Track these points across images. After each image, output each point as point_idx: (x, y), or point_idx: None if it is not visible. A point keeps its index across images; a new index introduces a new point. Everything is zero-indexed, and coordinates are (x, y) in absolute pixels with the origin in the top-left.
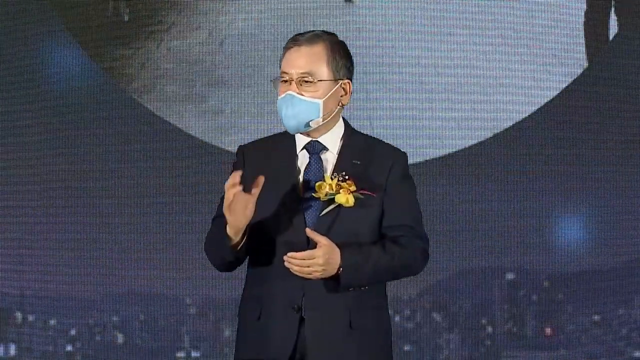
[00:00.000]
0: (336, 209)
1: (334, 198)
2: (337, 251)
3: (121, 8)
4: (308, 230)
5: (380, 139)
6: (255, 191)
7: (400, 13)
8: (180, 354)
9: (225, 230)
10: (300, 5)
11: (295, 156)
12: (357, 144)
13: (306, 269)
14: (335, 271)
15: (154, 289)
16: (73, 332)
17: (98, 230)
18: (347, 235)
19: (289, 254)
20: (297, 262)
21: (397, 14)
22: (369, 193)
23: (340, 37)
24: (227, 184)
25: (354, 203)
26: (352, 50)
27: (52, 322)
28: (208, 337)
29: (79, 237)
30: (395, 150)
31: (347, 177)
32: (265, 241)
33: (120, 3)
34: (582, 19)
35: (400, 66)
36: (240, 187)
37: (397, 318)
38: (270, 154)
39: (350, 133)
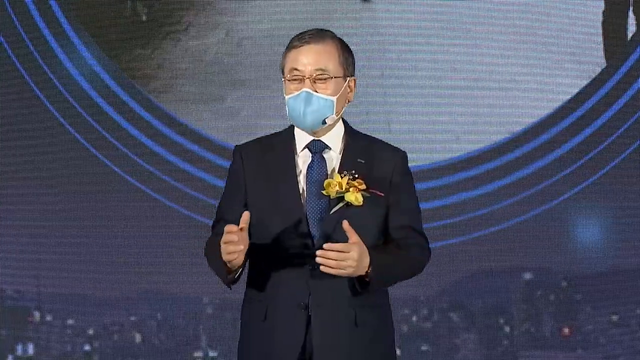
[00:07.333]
0: (343, 207)
1: (343, 196)
2: (367, 251)
3: (139, 8)
4: (345, 224)
5: (380, 138)
6: (245, 227)
7: (417, 13)
8: (198, 354)
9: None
10: (318, 5)
11: (297, 155)
12: (358, 143)
13: (343, 263)
14: (364, 271)
15: (172, 288)
16: (91, 331)
17: (116, 230)
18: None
19: (327, 244)
20: (334, 254)
21: (414, 14)
22: (378, 193)
23: (358, 37)
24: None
25: (362, 202)
26: (369, 50)
27: (70, 321)
28: (225, 336)
29: (97, 237)
30: (396, 149)
31: (356, 175)
32: (267, 241)
33: (138, 3)
34: (600, 18)
35: (417, 69)
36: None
37: (414, 318)
38: (269, 154)
39: (350, 132)
